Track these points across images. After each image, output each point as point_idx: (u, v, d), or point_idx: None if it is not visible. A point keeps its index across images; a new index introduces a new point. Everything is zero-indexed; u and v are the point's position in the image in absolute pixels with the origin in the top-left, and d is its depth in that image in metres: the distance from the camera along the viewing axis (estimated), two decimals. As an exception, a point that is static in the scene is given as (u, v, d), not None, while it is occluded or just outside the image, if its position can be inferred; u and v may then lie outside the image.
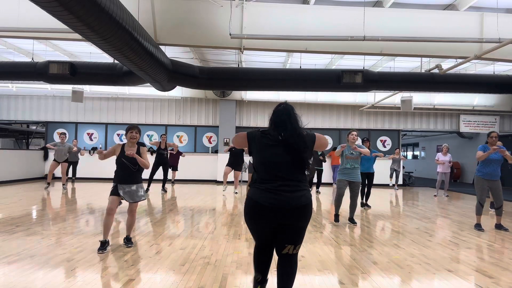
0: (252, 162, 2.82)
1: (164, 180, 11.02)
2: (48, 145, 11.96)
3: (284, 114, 2.73)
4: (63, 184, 11.18)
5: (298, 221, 2.62)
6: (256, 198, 2.62)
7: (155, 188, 10.99)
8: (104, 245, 4.46)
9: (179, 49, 9.89)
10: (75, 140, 13.07)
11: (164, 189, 10.92)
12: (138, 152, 4.66)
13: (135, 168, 4.63)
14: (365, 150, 6.66)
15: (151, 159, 10.83)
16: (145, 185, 6.04)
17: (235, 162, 10.87)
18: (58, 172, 11.79)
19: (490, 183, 6.33)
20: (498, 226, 6.42)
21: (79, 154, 12.75)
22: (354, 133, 6.53)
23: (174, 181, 13.55)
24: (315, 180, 11.98)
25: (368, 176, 8.62)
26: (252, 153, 2.78)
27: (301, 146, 2.64)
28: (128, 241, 4.72)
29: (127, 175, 4.61)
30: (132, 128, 4.70)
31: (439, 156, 11.78)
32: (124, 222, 6.10)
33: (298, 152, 2.63)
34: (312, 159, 11.71)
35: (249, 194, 2.70)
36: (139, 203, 4.84)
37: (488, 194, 6.55)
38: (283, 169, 2.62)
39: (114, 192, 4.58)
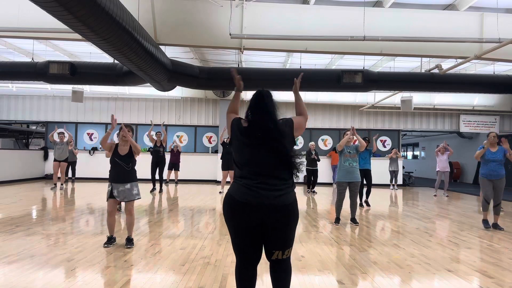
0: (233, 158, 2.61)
1: (161, 180, 10.87)
2: (50, 135, 11.80)
3: (263, 113, 2.50)
4: (61, 184, 11.16)
5: (280, 223, 2.39)
6: (233, 193, 2.42)
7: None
8: (110, 240, 4.71)
9: (179, 49, 9.89)
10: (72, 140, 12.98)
11: (160, 189, 10.87)
12: (131, 151, 4.77)
13: (128, 167, 4.72)
14: (361, 140, 6.73)
15: (149, 158, 10.83)
16: (144, 185, 6.02)
17: (229, 162, 10.75)
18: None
19: (493, 182, 6.38)
20: (494, 225, 6.46)
21: (74, 151, 12.69)
22: (349, 132, 6.60)
23: (177, 181, 13.50)
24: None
25: (365, 173, 8.60)
26: (232, 146, 2.59)
27: (278, 136, 2.43)
28: (129, 242, 4.73)
29: (121, 173, 4.68)
30: (124, 127, 4.77)
31: (438, 154, 11.83)
32: (124, 223, 6.11)
33: (278, 147, 2.42)
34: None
35: (229, 190, 2.51)
36: (137, 202, 4.88)
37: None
38: (264, 166, 2.42)
39: (111, 196, 4.69)
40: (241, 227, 2.42)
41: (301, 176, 2.76)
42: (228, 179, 11.24)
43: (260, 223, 2.38)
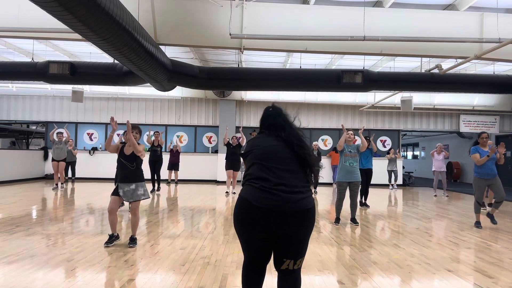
0: (245, 159, 2.49)
1: (158, 180, 10.87)
2: (51, 133, 11.78)
3: (278, 117, 2.51)
4: (61, 183, 11.16)
5: (298, 229, 2.20)
6: (249, 197, 2.21)
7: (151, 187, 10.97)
8: (111, 238, 4.70)
9: (179, 49, 9.89)
10: (71, 140, 12.97)
11: (158, 188, 10.85)
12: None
13: (133, 166, 4.70)
14: (363, 140, 6.69)
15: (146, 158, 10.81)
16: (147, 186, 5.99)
17: (233, 163, 10.77)
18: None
19: (489, 181, 6.44)
20: (490, 216, 6.54)
21: (72, 151, 12.67)
22: (350, 132, 6.64)
23: (177, 181, 13.52)
24: None
25: (366, 172, 8.63)
26: (247, 152, 2.46)
27: (302, 143, 2.40)
28: (132, 241, 4.74)
29: (126, 173, 4.67)
30: (133, 129, 4.77)
31: (434, 155, 11.81)
32: (125, 222, 6.12)
33: (301, 148, 2.36)
34: None
35: (241, 193, 2.29)
36: (140, 202, 4.88)
37: (487, 194, 6.62)
38: (283, 166, 2.28)
39: (115, 193, 4.68)
40: (257, 234, 2.22)
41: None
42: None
43: (278, 229, 2.19)
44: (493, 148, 6.25)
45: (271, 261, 2.37)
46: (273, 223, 2.17)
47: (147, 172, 10.27)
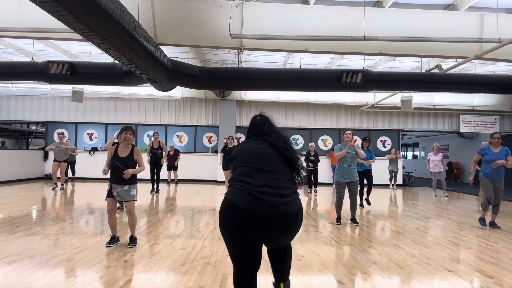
0: (231, 164, 2.51)
1: (157, 181, 10.89)
2: (47, 148, 11.83)
3: (265, 125, 2.59)
4: (61, 184, 11.17)
5: (283, 234, 2.23)
6: (232, 199, 2.19)
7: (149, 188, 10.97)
8: (113, 239, 4.74)
9: (179, 49, 9.89)
10: (68, 140, 12.96)
11: (157, 189, 10.86)
12: (132, 154, 4.76)
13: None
14: (361, 152, 6.69)
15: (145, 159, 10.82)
16: (144, 185, 6.00)
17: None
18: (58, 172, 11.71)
19: (494, 182, 6.44)
20: (492, 224, 6.54)
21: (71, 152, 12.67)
22: (348, 132, 6.54)
23: (177, 181, 13.54)
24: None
25: (365, 173, 8.62)
26: (233, 157, 2.49)
27: (288, 146, 2.48)
28: (131, 241, 4.75)
29: (120, 175, 4.67)
30: (127, 130, 4.75)
31: (431, 155, 11.77)
32: (124, 223, 6.12)
33: (287, 150, 2.43)
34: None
35: (226, 195, 2.28)
36: (138, 202, 4.89)
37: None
38: (268, 167, 2.30)
39: (109, 194, 4.71)
40: (243, 237, 2.20)
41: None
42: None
43: (262, 233, 2.20)
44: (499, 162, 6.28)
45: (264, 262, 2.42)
46: (257, 227, 2.16)
47: (147, 173, 10.45)
